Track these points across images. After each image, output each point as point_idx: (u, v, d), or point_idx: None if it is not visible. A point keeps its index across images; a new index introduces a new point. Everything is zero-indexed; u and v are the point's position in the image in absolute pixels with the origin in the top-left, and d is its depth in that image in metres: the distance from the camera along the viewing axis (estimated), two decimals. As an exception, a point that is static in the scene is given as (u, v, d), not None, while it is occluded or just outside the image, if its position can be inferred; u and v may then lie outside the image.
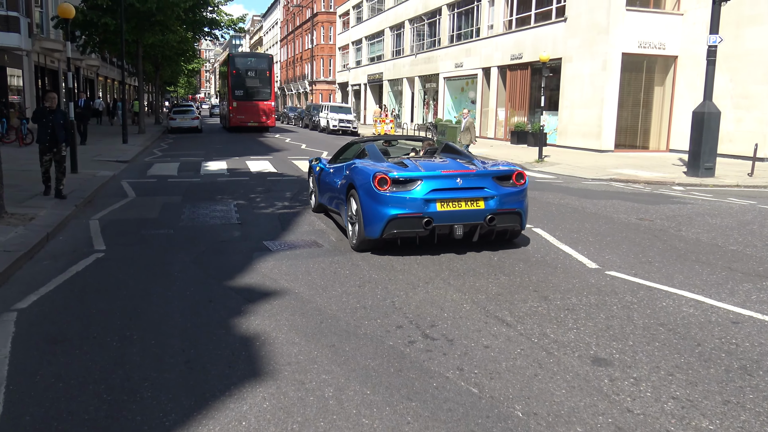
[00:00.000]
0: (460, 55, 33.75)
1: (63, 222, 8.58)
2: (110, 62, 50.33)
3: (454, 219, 6.95)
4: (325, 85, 67.87)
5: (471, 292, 5.77)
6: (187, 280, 6.07)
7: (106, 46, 30.55)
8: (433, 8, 37.31)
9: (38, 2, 30.59)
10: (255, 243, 7.71)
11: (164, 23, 27.80)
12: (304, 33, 76.05)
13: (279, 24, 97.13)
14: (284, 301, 5.46)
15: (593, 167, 17.67)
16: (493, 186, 7.09)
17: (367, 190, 6.99)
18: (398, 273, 6.40)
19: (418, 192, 6.86)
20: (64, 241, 7.77)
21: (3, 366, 4.10)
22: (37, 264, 6.63)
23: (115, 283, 5.93)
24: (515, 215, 7.23)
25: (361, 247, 7.23)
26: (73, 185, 11.58)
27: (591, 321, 5.04)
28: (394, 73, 44.65)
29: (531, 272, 6.47)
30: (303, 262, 6.77)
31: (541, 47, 25.45)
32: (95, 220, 9.04)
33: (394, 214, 6.81)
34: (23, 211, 8.85)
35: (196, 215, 9.51)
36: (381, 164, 7.45)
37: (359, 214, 7.11)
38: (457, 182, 6.96)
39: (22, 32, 25.88)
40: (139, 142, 23.77)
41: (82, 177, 13.07)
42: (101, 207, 10.14)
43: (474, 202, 6.97)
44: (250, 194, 11.74)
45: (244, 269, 6.47)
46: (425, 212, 6.84)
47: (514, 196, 7.19)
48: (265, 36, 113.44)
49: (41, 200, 9.86)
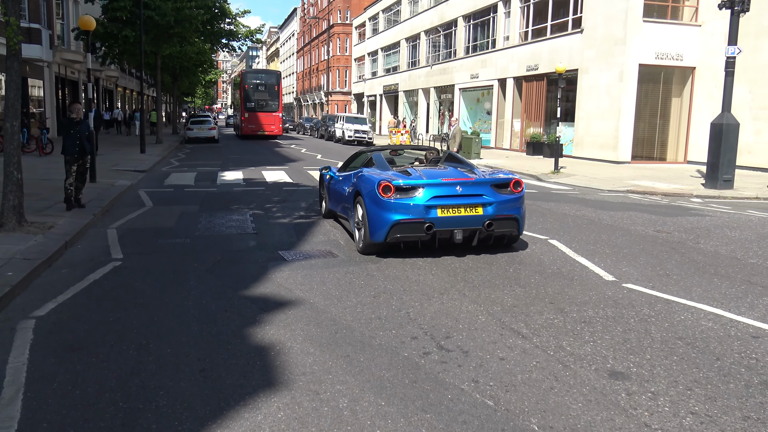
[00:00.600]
0: (476, 66, 33.79)
1: (81, 231, 8.67)
2: (129, 73, 51.01)
3: (454, 224, 7.32)
4: (340, 95, 68.23)
5: (486, 303, 5.74)
6: (202, 289, 6.11)
7: (126, 57, 31.02)
8: (448, 20, 37.44)
9: (59, 14, 31.14)
10: (270, 252, 7.74)
11: (182, 35, 28.18)
12: (320, 44, 76.61)
13: (295, 36, 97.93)
14: (299, 310, 5.47)
15: (610, 179, 17.55)
16: (491, 193, 7.50)
17: (372, 197, 7.41)
18: (413, 284, 6.39)
19: (420, 199, 7.26)
20: (82, 249, 7.85)
21: (21, 373, 4.14)
22: (56, 272, 6.71)
23: (131, 292, 5.98)
24: (512, 221, 7.61)
25: (367, 250, 7.59)
26: (91, 194, 11.72)
27: (608, 334, 4.99)
28: (410, 84, 44.80)
29: (547, 284, 6.43)
30: (318, 272, 6.78)
31: (557, 58, 25.41)
32: (113, 229, 9.13)
33: (398, 219, 7.21)
34: (42, 219, 8.96)
35: (213, 225, 9.58)
36: (386, 172, 7.87)
37: (365, 219, 7.51)
38: (456, 190, 7.38)
39: (43, 44, 26.33)
40: (157, 151, 24.01)
41: (100, 186, 13.22)
42: (119, 216, 10.24)
43: (473, 208, 7.37)
44: (266, 204, 11.80)
45: (260, 279, 6.49)
46: (427, 218, 7.23)
47: (512, 203, 7.58)
48: (282, 47, 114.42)
49: (60, 209, 9.99)
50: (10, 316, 5.24)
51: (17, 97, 8.31)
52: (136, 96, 57.62)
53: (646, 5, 22.36)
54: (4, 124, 8.18)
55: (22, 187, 8.42)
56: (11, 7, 8.17)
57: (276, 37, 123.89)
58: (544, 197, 13.57)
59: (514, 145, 30.29)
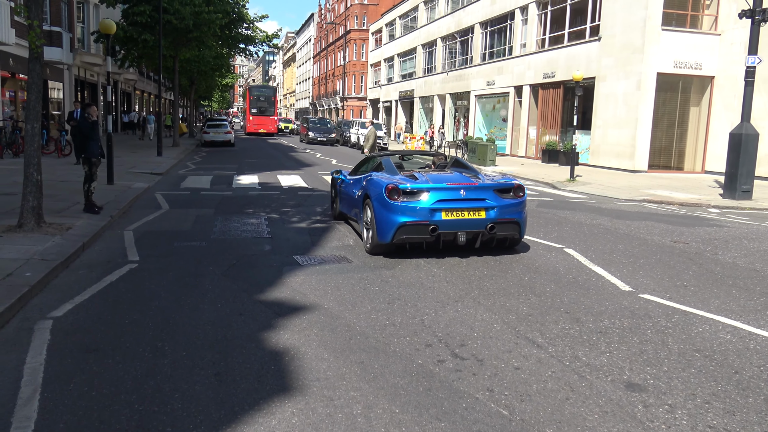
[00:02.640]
0: (492, 73, 33.75)
1: (98, 232, 8.76)
2: (147, 76, 51.48)
3: (458, 227, 7.71)
4: (356, 101, 68.39)
5: (501, 312, 5.72)
6: (218, 292, 6.14)
7: (144, 60, 31.33)
8: (465, 26, 37.44)
9: (80, 18, 31.54)
10: (285, 257, 7.76)
11: (200, 39, 28.41)
12: (336, 50, 76.92)
13: (312, 41, 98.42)
14: (313, 316, 5.48)
15: (626, 188, 17.43)
16: (493, 198, 7.86)
17: (380, 200, 7.80)
18: (427, 291, 6.37)
19: (426, 202, 7.63)
20: (99, 251, 7.92)
21: (38, 373, 4.18)
22: (73, 273, 6.77)
23: (147, 294, 6.02)
24: (514, 224, 7.98)
25: (375, 250, 7.97)
26: (108, 197, 11.83)
27: (624, 345, 4.95)
28: (425, 90, 44.81)
29: (563, 293, 6.39)
30: (332, 278, 6.79)
31: (574, 66, 25.31)
32: (129, 231, 9.20)
33: (404, 221, 7.59)
34: (60, 220, 9.06)
35: (228, 228, 9.63)
36: (394, 176, 8.29)
37: (373, 220, 7.91)
38: (460, 194, 7.75)
39: (64, 47, 26.64)
40: (173, 155, 24.19)
41: (117, 188, 13.34)
42: (136, 218, 10.32)
43: (476, 211, 7.74)
44: (281, 208, 11.85)
45: (274, 283, 6.52)
46: (431, 220, 7.61)
47: (514, 207, 7.95)
48: (299, 52, 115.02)
49: (77, 211, 10.08)
50: (28, 316, 5.29)
51: (38, 99, 8.41)
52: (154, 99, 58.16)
53: (665, 14, 22.22)
54: (25, 125, 8.28)
55: (42, 189, 8.51)
56: (34, 10, 8.28)
57: (293, 42, 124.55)
58: (560, 205, 13.49)
59: (529, 153, 30.18)
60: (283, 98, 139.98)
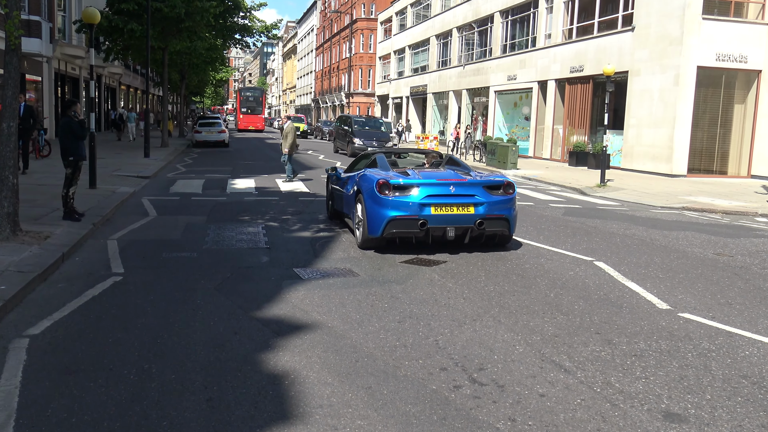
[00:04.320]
0: (514, 66, 33.78)
1: (79, 242, 8.81)
2: (134, 70, 51.91)
3: (447, 222, 8.57)
4: (363, 97, 68.64)
5: (524, 332, 5.70)
6: (210, 309, 6.15)
7: (131, 52, 31.54)
8: (484, 15, 37.53)
9: (61, 6, 31.85)
10: (285, 270, 7.78)
11: (192, 29, 28.56)
12: (341, 41, 77.26)
13: (315, 31, 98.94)
14: (316, 335, 5.48)
15: (663, 194, 17.36)
16: (483, 194, 8.70)
17: (371, 195, 8.69)
18: (442, 308, 6.36)
19: (416, 197, 8.51)
20: (80, 262, 7.97)
21: (13, 397, 4.20)
22: (52, 286, 6.81)
23: (133, 310, 6.05)
24: (503, 221, 8.82)
25: (365, 245, 8.90)
26: (90, 202, 11.90)
27: (662, 370, 4.91)
28: (440, 85, 44.92)
29: (592, 311, 6.36)
30: (337, 293, 6.80)
31: (604, 59, 25.30)
32: (113, 241, 9.25)
33: (394, 215, 8.47)
34: (38, 228, 9.12)
35: (222, 238, 9.66)
36: (386, 172, 9.13)
37: (364, 215, 8.78)
38: (450, 189, 8.61)
39: (43, 37, 26.87)
40: (162, 156, 24.34)
41: (100, 193, 13.43)
42: (120, 226, 10.38)
43: (465, 207, 8.59)
44: (281, 216, 11.88)
45: (273, 299, 6.53)
46: (421, 215, 8.47)
47: (503, 204, 8.79)
48: (300, 44, 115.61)
49: (57, 217, 10.15)
50: (3, 334, 5.33)
51: (15, 95, 8.48)
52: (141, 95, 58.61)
53: (706, 1, 22.19)
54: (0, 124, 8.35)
55: (18, 193, 8.58)
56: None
57: (293, 32, 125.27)
58: (589, 213, 13.46)
59: (555, 155, 30.15)
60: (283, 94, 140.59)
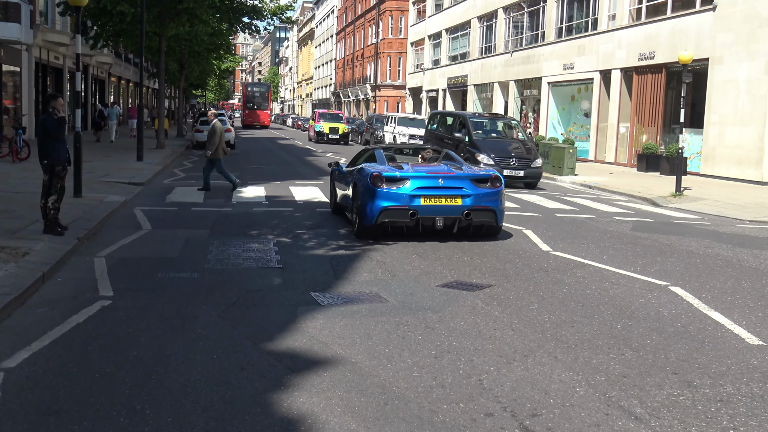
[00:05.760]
0: (571, 53, 33.66)
1: (62, 259, 8.92)
2: (126, 59, 52.74)
3: (435, 212, 10.72)
4: (392, 90, 68.82)
5: (586, 371, 5.64)
6: (213, 339, 6.18)
7: (122, 39, 32.03)
8: (535, -7, 37.53)
9: (44, -15, 32.49)
10: (300, 294, 7.80)
11: (193, 11, 28.87)
12: (367, 24, 77.69)
13: (335, 13, 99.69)
14: (337, 372, 5.48)
15: (752, 205, 17.12)
16: (470, 187, 10.84)
17: (365, 186, 10.82)
18: (486, 341, 6.32)
19: (406, 189, 10.66)
20: (63, 283, 8.07)
21: (-15, 441, 4.25)
22: (30, 312, 6.90)
23: (124, 340, 6.10)
24: (490, 212, 10.93)
25: (361, 233, 11.03)
26: (75, 213, 12.06)
27: (755, 419, 4.83)
28: (483, 76, 44.94)
29: (668, 347, 6.28)
30: (362, 322, 6.79)
31: (680, 44, 25.08)
32: (101, 258, 9.36)
33: (386, 205, 10.58)
34: (15, 243, 9.26)
35: (227, 255, 9.73)
36: (381, 166, 11.43)
37: (359, 205, 10.94)
38: (438, 182, 10.80)
39: (22, 22, 27.31)
40: (157, 159, 24.63)
41: (86, 203, 13.59)
42: (109, 241, 10.50)
43: (453, 198, 10.73)
44: (295, 230, 11.94)
45: (286, 328, 6.54)
46: (411, 205, 10.60)
47: (490, 196, 10.93)
48: (318, 28, 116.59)
49: (37, 231, 10.28)
50: (-27, 367, 5.40)
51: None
52: (133, 88, 59.53)
53: (804, -26, 21.92)
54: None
55: (-8, 203, 8.73)
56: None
57: (310, 15, 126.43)
58: (662, 228, 13.31)
59: (620, 158, 29.91)
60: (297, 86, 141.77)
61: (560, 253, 10.49)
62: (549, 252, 10.58)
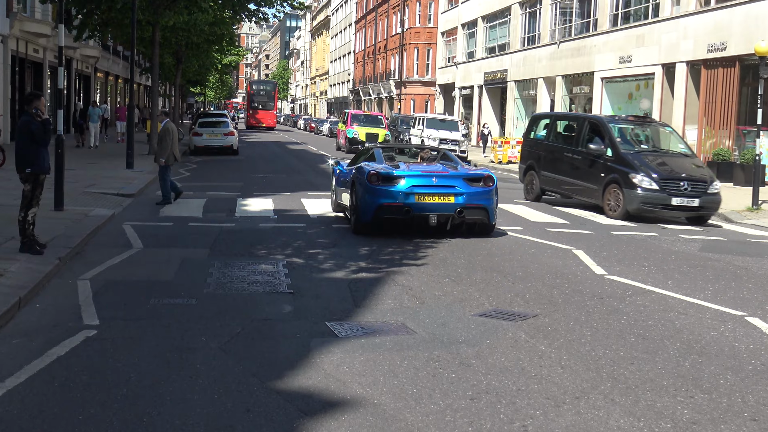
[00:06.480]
0: (628, 44, 33.55)
1: (41, 282, 8.95)
2: (114, 52, 53.29)
3: (429, 209, 12.75)
4: (419, 87, 68.94)
5: (649, 416, 5.59)
6: (214, 376, 6.18)
7: (110, 29, 32.34)
8: (586, -26, 37.50)
9: (22, -31, 32.92)
10: (314, 324, 7.80)
11: (192, -2, 29.17)
12: (391, 11, 77.99)
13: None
14: (358, 416, 5.46)
15: (842, 221, 16.90)
16: (463, 185, 12.95)
17: (362, 184, 12.81)
18: (532, 380, 6.27)
19: (402, 187, 12.71)
20: (43, 310, 8.11)
21: (-47, 493, 4.27)
22: (4, 343, 6.92)
23: (111, 377, 6.10)
24: (482, 210, 13.00)
25: (359, 230, 13.14)
26: (56, 229, 12.13)
27: None
28: (525, 71, 44.89)
29: (745, 388, 6.21)
30: (386, 357, 6.77)
31: (756, 33, 24.90)
32: (85, 281, 9.41)
33: (381, 202, 12.62)
34: (-12, 264, 9.33)
35: (229, 279, 9.75)
36: (379, 165, 13.52)
37: (357, 202, 12.98)
38: (432, 180, 12.97)
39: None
40: (150, 167, 24.73)
41: (68, 217, 13.67)
42: (94, 262, 10.56)
43: (446, 197, 12.82)
44: (308, 249, 11.98)
45: (298, 364, 6.53)
46: (405, 202, 12.62)
47: (482, 195, 13.03)
48: (334, 15, 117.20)
49: (14, 249, 10.35)
50: (-60, 407, 5.43)
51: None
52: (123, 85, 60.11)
53: None
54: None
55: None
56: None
57: (326, 1, 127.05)
58: (737, 249, 13.21)
59: (686, 166, 29.66)
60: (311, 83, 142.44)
61: (617, 277, 10.43)
62: (604, 276, 10.52)
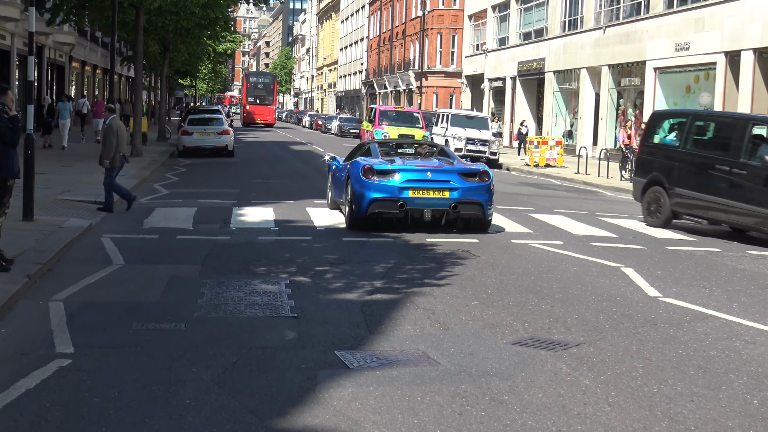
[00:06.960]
0: (686, 29, 33.46)
1: (7, 304, 8.96)
2: (92, 39, 53.51)
3: (424, 204, 14.59)
4: (443, 78, 68.96)
5: (711, 462, 5.54)
6: (207, 413, 6.17)
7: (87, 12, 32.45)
8: (636, -52, 37.45)
9: (-13, -57, 33.14)
10: (322, 353, 7.78)
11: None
12: (410, -9, 77.94)
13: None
14: (372, 460, 5.45)
15: None
16: (458, 180, 14.65)
17: (357, 179, 14.63)
18: (574, 419, 6.24)
19: (396, 181, 14.50)
20: (9, 335, 8.12)
21: None
22: (-35, 374, 6.95)
23: (88, 413, 6.10)
24: (477, 205, 14.67)
25: (353, 224, 15.02)
26: (25, 242, 12.15)
27: None
28: (565, 60, 44.83)
29: (824, 431, 6.15)
30: (405, 392, 6.74)
31: (835, 16, 24.83)
32: (58, 303, 9.41)
33: (376, 197, 14.35)
34: (-53, 282, 9.37)
35: (224, 300, 9.75)
36: (374, 159, 15.33)
37: (352, 197, 14.73)
38: (427, 175, 14.70)
39: (-41, -9, 27.94)
40: (133, 171, 24.75)
41: (39, 228, 13.67)
42: (69, 280, 10.56)
43: (440, 191, 14.58)
44: (315, 266, 11.96)
45: (303, 400, 6.51)
46: (400, 197, 14.39)
47: (477, 190, 14.71)
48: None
49: (-25, 265, 10.40)
50: None
51: None
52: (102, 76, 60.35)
53: None
54: None
55: None
56: None
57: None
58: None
59: (753, 170, 29.54)
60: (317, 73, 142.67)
61: (673, 299, 10.38)
62: (658, 298, 10.48)
